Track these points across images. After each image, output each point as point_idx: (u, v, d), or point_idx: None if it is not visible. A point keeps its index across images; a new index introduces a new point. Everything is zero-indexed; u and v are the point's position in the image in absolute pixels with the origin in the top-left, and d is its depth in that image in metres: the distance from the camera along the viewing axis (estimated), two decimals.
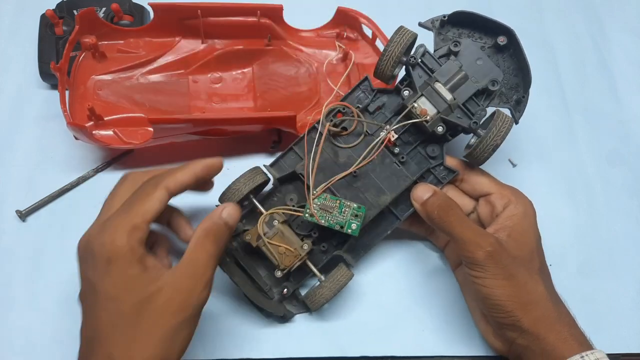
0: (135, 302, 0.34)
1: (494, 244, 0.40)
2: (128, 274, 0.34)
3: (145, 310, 0.34)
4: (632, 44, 0.62)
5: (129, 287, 0.34)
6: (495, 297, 0.40)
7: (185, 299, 0.35)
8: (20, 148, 0.52)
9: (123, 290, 0.34)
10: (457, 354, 0.47)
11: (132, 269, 0.35)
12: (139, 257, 0.35)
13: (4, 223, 0.49)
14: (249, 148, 0.53)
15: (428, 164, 0.45)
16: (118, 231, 0.35)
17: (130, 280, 0.34)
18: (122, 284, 0.34)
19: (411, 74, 0.43)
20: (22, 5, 0.58)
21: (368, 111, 0.46)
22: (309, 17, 0.56)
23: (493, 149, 0.41)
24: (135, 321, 0.34)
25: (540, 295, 0.40)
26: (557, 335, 0.39)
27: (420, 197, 0.43)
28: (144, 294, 0.34)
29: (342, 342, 0.47)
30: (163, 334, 0.34)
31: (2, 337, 0.45)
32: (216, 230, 0.38)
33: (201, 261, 0.37)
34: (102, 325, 0.34)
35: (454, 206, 0.42)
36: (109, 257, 0.34)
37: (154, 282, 0.35)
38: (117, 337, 0.34)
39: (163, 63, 0.54)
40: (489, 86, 0.43)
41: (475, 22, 0.45)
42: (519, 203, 0.43)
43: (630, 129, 0.58)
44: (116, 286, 0.34)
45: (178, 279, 0.35)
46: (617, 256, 0.52)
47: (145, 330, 0.34)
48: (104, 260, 0.34)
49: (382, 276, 0.49)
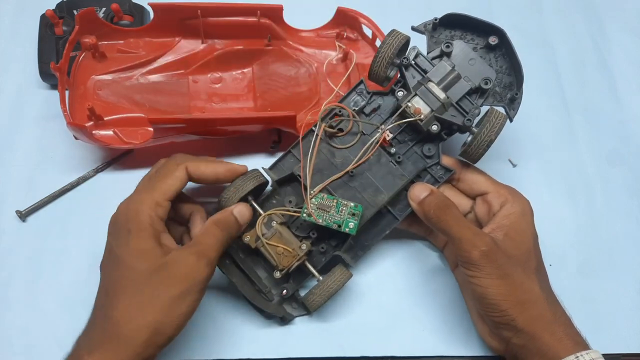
0: (146, 271, 0.37)
1: (489, 243, 0.40)
2: (144, 246, 0.38)
3: (152, 280, 0.37)
4: (632, 44, 0.62)
5: (142, 257, 0.38)
6: (490, 297, 0.40)
7: (187, 273, 0.38)
8: (20, 148, 0.52)
9: (137, 259, 0.38)
10: (457, 354, 0.47)
11: (148, 242, 0.38)
12: (156, 232, 0.39)
13: (4, 223, 0.49)
14: (249, 148, 0.53)
15: (424, 163, 0.45)
16: (142, 206, 0.39)
17: (145, 251, 0.38)
18: (137, 253, 0.38)
19: (404, 74, 0.44)
20: (22, 5, 0.58)
21: (364, 113, 0.46)
22: (309, 17, 0.56)
23: (487, 145, 0.42)
24: (142, 288, 0.37)
25: (536, 295, 0.40)
26: (552, 335, 0.39)
27: (417, 196, 0.43)
28: (154, 265, 0.37)
29: (342, 342, 0.47)
30: (164, 301, 0.37)
31: (2, 337, 0.45)
32: (225, 221, 0.41)
33: (207, 243, 0.40)
34: (114, 289, 0.38)
35: (450, 206, 0.42)
36: (129, 228, 0.38)
37: (164, 256, 0.38)
38: (124, 301, 0.37)
39: (163, 63, 0.54)
40: (481, 85, 0.44)
41: (467, 23, 0.46)
42: (516, 202, 0.43)
43: (630, 129, 0.58)
44: (132, 255, 0.38)
45: (184, 255, 0.38)
46: (617, 256, 0.52)
47: (149, 296, 0.37)
48: (125, 231, 0.38)
49: (382, 276, 0.49)
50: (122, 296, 0.37)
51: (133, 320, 0.36)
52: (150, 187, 0.41)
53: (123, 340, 0.36)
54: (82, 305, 0.46)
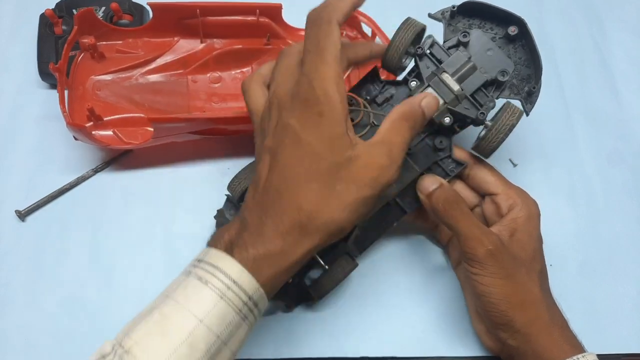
0: (335, 162, 0.34)
1: (496, 242, 0.40)
2: (335, 131, 0.34)
3: (341, 173, 0.34)
4: (632, 44, 0.62)
5: (332, 146, 0.34)
6: (490, 296, 0.40)
7: (377, 176, 0.35)
8: (20, 148, 0.52)
9: (327, 147, 0.34)
10: (458, 354, 0.47)
11: (339, 127, 0.34)
12: (346, 114, 0.35)
13: (4, 223, 0.49)
14: (249, 148, 0.53)
15: (436, 156, 0.45)
16: (327, 81, 0.34)
17: (335, 138, 0.34)
18: (328, 141, 0.34)
19: (418, 64, 0.43)
20: (22, 5, 0.58)
21: (376, 102, 0.45)
22: None
23: (501, 140, 0.41)
24: (331, 182, 0.34)
25: (536, 297, 0.40)
26: (548, 338, 0.39)
27: (426, 188, 0.42)
28: (343, 157, 0.34)
29: (342, 342, 0.47)
30: (351, 202, 0.34)
31: (2, 337, 0.45)
32: (414, 116, 0.37)
33: (396, 143, 0.36)
34: (297, 176, 0.34)
35: (459, 201, 0.42)
36: (321, 111, 0.34)
37: (353, 148, 0.34)
38: (311, 193, 0.34)
39: (162, 63, 0.53)
40: (498, 77, 0.43)
41: (486, 12, 0.45)
42: (524, 205, 0.43)
43: (630, 129, 0.58)
44: (322, 141, 0.34)
45: (375, 154, 0.35)
46: (617, 256, 0.52)
47: (337, 193, 0.34)
48: (316, 112, 0.34)
49: (383, 276, 0.49)
50: (312, 185, 0.34)
51: (325, 215, 0.34)
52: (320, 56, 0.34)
53: (310, 231, 0.34)
54: (82, 305, 0.47)
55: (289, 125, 0.35)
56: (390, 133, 0.36)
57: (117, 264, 0.48)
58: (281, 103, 0.36)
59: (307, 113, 0.34)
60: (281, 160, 0.35)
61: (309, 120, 0.34)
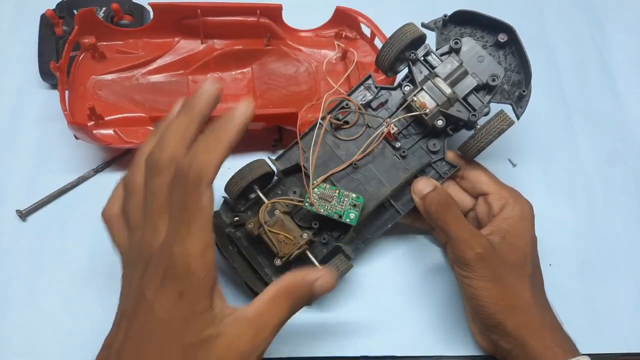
0: (190, 344, 0.29)
1: (485, 245, 0.40)
2: (194, 310, 0.29)
3: (198, 354, 0.29)
4: (632, 44, 0.62)
5: (189, 325, 0.29)
6: (479, 299, 0.40)
7: (242, 357, 0.30)
8: (21, 148, 0.52)
9: (183, 326, 0.29)
10: (457, 353, 0.47)
11: (201, 304, 0.29)
12: (212, 287, 0.30)
13: (4, 223, 0.49)
14: (249, 147, 0.53)
15: (429, 158, 0.45)
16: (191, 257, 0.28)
17: (195, 316, 0.29)
18: (183, 320, 0.29)
19: (412, 69, 0.45)
20: (22, 5, 0.58)
21: (371, 107, 0.46)
22: (308, 17, 0.55)
23: (485, 144, 0.42)
24: None
25: (526, 301, 0.40)
26: (539, 341, 0.39)
27: (420, 190, 0.43)
28: (200, 337, 0.29)
29: (342, 342, 0.47)
30: None
31: (2, 337, 0.45)
32: (299, 295, 0.33)
33: (268, 325, 0.31)
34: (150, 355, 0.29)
35: (452, 204, 0.42)
36: (181, 289, 0.29)
37: (215, 325, 0.29)
38: None
39: (162, 63, 0.54)
40: (489, 81, 0.44)
41: (477, 20, 0.46)
42: (516, 205, 0.43)
43: (630, 129, 0.58)
44: (177, 321, 0.29)
45: (239, 335, 0.30)
46: (617, 256, 0.52)
47: None
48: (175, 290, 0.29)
49: (383, 276, 0.49)
50: None
51: None
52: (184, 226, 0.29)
53: None
54: (82, 305, 0.47)
55: (144, 297, 0.29)
56: (265, 309, 0.31)
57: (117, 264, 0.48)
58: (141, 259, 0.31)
59: (164, 287, 0.29)
60: (134, 334, 0.30)
61: (165, 295, 0.29)
